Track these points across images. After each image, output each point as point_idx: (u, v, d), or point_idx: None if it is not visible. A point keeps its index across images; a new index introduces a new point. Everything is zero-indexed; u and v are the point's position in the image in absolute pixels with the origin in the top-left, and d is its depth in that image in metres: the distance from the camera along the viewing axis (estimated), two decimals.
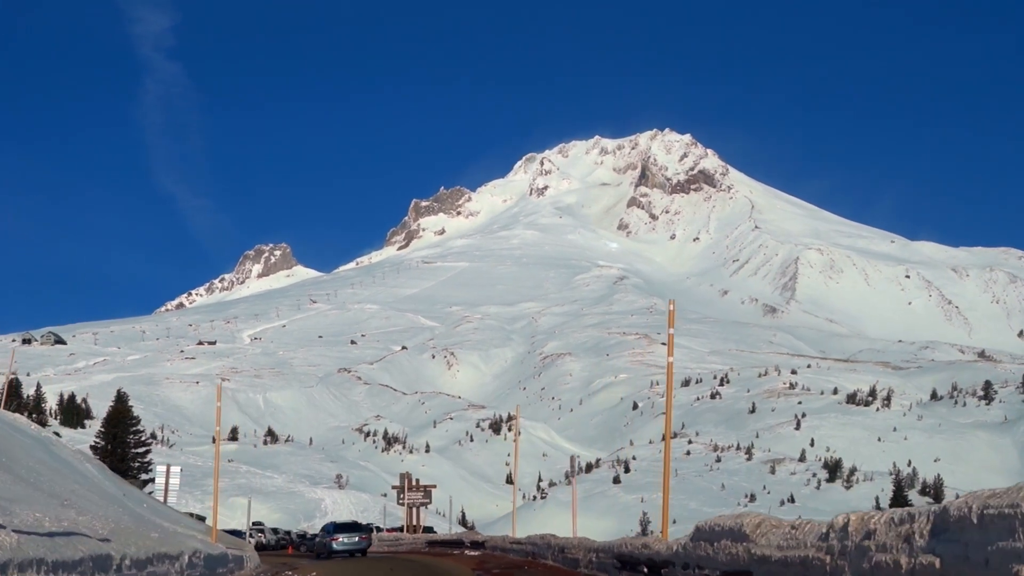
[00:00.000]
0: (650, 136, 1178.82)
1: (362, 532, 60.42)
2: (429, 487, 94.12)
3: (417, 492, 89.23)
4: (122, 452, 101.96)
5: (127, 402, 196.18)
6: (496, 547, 49.85)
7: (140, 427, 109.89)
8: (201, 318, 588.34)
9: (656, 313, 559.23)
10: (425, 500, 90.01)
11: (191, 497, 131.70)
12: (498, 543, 50.29)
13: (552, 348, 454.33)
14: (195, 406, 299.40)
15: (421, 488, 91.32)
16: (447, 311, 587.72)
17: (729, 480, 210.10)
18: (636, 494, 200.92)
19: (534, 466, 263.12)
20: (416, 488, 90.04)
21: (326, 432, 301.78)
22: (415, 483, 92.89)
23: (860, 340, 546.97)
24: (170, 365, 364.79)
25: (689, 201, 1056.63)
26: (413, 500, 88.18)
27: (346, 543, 57.56)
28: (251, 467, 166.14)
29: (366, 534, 61.21)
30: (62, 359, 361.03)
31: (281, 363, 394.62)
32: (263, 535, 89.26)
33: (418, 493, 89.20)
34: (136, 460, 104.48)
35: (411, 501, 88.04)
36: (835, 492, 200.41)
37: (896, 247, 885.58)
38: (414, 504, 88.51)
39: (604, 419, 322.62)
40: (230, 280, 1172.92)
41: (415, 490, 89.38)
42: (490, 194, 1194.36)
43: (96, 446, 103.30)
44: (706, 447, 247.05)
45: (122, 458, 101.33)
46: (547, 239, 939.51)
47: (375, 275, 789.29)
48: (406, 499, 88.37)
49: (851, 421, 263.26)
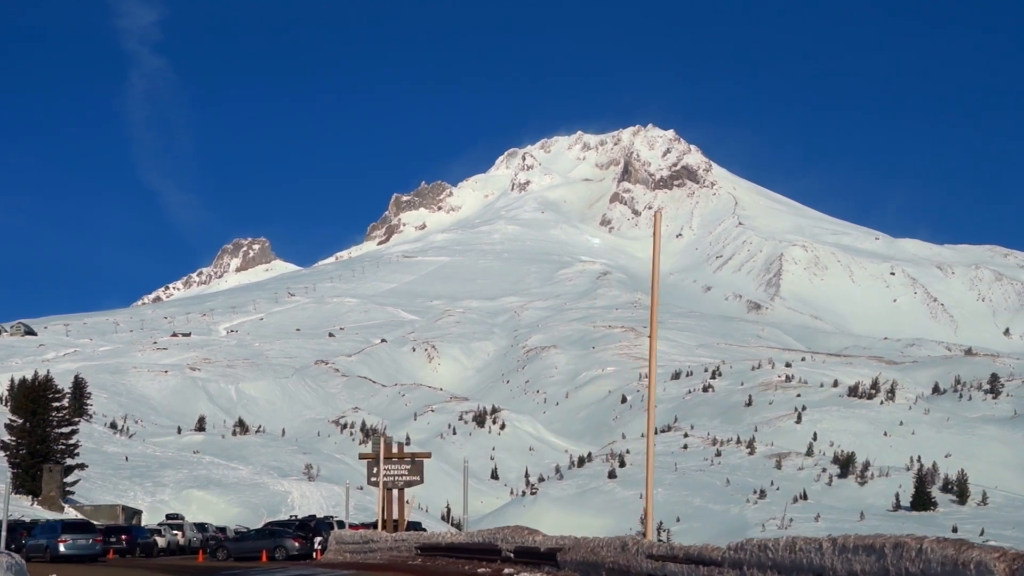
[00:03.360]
0: (633, 132, 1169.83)
1: (94, 534, 53.33)
2: (420, 456, 57.05)
3: (400, 464, 54.60)
4: (42, 433, 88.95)
5: (85, 388, 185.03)
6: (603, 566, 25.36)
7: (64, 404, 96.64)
8: (177, 311, 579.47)
9: (641, 308, 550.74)
10: (414, 478, 54.44)
11: (140, 489, 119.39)
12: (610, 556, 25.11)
13: (536, 341, 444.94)
14: (162, 396, 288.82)
15: (407, 458, 56.09)
16: (428, 305, 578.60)
17: (733, 475, 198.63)
18: (634, 490, 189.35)
19: (521, 460, 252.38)
20: (399, 457, 55.80)
21: (301, 424, 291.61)
22: (398, 449, 59.11)
23: (845, 337, 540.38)
24: (141, 356, 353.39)
25: (672, 197, 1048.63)
26: (394, 477, 53.94)
27: (74, 547, 50.33)
28: (216, 458, 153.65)
29: (99, 536, 53.85)
30: (31, 350, 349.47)
31: (256, 354, 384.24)
32: (180, 533, 74.65)
33: (402, 466, 54.41)
34: (59, 442, 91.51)
35: (391, 478, 53.72)
36: (849, 488, 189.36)
37: (881, 244, 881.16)
38: (395, 484, 54.31)
39: (592, 412, 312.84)
40: (208, 274, 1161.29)
41: (397, 461, 54.92)
42: (471, 189, 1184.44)
43: (12, 424, 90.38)
44: (704, 440, 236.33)
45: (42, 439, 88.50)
46: (529, 234, 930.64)
47: (355, 269, 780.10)
48: (381, 475, 53.06)
49: (854, 414, 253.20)
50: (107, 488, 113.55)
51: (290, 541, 61.31)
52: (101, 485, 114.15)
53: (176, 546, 72.64)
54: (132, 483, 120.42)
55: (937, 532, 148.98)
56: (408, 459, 55.66)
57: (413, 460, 55.51)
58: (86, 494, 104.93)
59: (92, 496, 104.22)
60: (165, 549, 70.39)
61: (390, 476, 53.69)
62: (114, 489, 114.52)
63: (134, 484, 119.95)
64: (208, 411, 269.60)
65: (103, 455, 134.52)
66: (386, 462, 53.46)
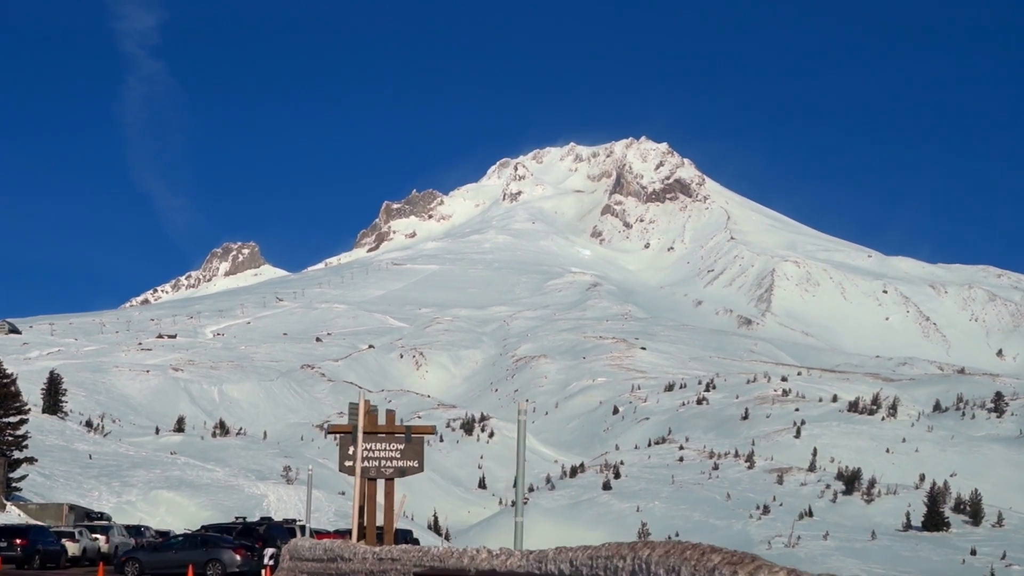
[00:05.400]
0: (626, 144, 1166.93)
1: None
2: (419, 431, 33.85)
3: (390, 443, 32.62)
4: None
5: (60, 385, 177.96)
6: None
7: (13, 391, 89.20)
8: (164, 313, 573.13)
9: (632, 319, 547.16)
10: (409, 463, 32.66)
11: (107, 489, 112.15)
12: None
13: (525, 351, 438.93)
14: (142, 396, 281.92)
15: (399, 433, 33.37)
16: (416, 313, 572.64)
17: (733, 489, 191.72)
18: (630, 502, 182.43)
19: (509, 470, 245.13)
20: (388, 432, 33.24)
21: (284, 428, 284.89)
22: (387, 420, 34.17)
23: (837, 354, 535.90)
24: (124, 356, 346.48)
25: (664, 210, 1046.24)
26: (380, 460, 32.31)
27: None
28: (192, 459, 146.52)
29: None
30: (14, 348, 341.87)
31: (241, 357, 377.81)
32: (104, 538, 61.94)
33: (391, 445, 32.53)
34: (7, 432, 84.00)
35: (375, 462, 32.28)
36: (855, 506, 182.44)
37: (873, 262, 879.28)
38: (381, 472, 32.35)
39: (582, 423, 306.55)
40: (197, 277, 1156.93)
41: (385, 437, 32.89)
42: (463, 198, 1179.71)
43: None
44: (700, 453, 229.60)
45: None
46: (519, 244, 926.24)
47: (344, 275, 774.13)
48: (359, 457, 31.67)
49: (855, 430, 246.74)
50: (70, 487, 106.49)
51: (229, 553, 47.62)
52: (64, 484, 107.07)
53: (96, 553, 59.68)
54: (99, 482, 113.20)
55: (955, 554, 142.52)
56: (401, 435, 33.01)
57: (409, 436, 32.97)
58: (45, 492, 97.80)
59: (52, 495, 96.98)
60: (79, 557, 57.87)
61: (374, 459, 31.99)
62: (78, 488, 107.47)
63: (100, 483, 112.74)
64: (189, 412, 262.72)
65: (72, 453, 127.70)
66: (368, 438, 32.02)
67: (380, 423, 33.96)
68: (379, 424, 33.79)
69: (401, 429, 33.72)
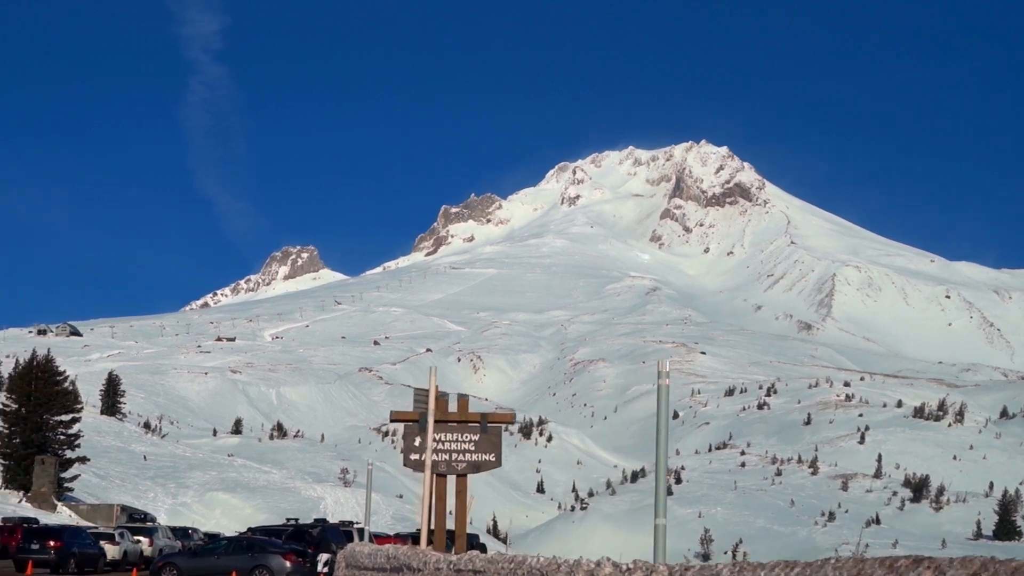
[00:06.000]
0: (685, 148, 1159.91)
1: None
2: (496, 419, 27.21)
3: (462, 432, 26.18)
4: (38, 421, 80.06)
5: (119, 386, 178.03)
6: None
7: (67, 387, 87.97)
8: (223, 316, 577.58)
9: (691, 324, 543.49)
10: (486, 456, 25.99)
11: (162, 490, 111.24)
12: None
13: (584, 355, 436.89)
14: (200, 398, 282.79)
15: (474, 421, 26.59)
16: (474, 317, 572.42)
17: (796, 496, 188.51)
18: (692, 508, 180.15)
19: (568, 474, 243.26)
20: (461, 421, 26.60)
21: (342, 431, 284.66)
22: (459, 406, 27.06)
23: (899, 360, 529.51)
24: (183, 358, 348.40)
25: (724, 214, 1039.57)
26: (451, 453, 25.83)
27: None
28: (249, 461, 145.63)
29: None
30: (76, 350, 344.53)
31: (299, 360, 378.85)
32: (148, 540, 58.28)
33: (465, 435, 26.06)
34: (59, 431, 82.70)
35: (445, 455, 25.75)
36: (923, 513, 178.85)
37: (936, 267, 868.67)
38: (453, 467, 25.88)
39: (641, 427, 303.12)
40: (256, 281, 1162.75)
41: (457, 426, 26.33)
42: (521, 202, 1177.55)
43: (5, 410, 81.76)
44: (762, 459, 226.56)
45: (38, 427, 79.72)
46: (578, 248, 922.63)
47: (402, 279, 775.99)
48: (429, 448, 24.91)
49: (921, 436, 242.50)
50: (125, 488, 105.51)
51: (278, 559, 42.76)
52: (119, 485, 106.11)
53: (137, 557, 55.56)
54: (154, 484, 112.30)
55: None
56: (475, 424, 26.62)
57: (485, 426, 26.49)
58: (100, 493, 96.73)
59: (106, 496, 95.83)
60: (119, 561, 53.57)
61: (444, 452, 25.99)
62: (133, 489, 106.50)
63: (156, 485, 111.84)
64: (247, 414, 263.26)
65: (129, 454, 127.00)
66: (437, 428, 25.81)
67: (451, 410, 27.22)
68: (450, 411, 27.12)
69: (476, 417, 27.02)
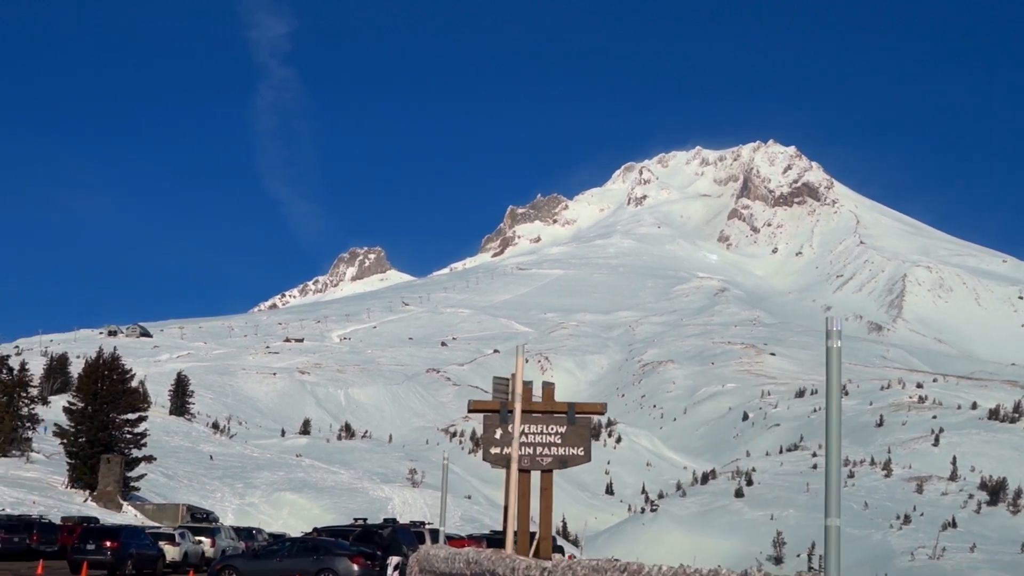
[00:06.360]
0: (753, 148, 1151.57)
1: None
2: (585, 409, 24.26)
3: (548, 423, 23.34)
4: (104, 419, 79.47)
5: (187, 387, 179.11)
6: None
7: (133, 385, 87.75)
8: (291, 317, 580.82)
9: (760, 325, 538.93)
10: (573, 450, 23.31)
11: (229, 490, 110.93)
12: None
13: (652, 356, 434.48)
14: (269, 398, 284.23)
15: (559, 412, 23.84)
16: (541, 317, 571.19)
17: (870, 498, 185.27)
18: (764, 510, 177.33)
19: (637, 476, 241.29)
20: (546, 412, 23.74)
21: (409, 431, 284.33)
22: (544, 396, 24.25)
23: (971, 361, 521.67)
24: (252, 359, 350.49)
25: (792, 214, 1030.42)
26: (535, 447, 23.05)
27: None
28: (317, 462, 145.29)
29: None
30: (146, 351, 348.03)
31: (368, 361, 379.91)
32: (210, 541, 56.31)
33: (550, 427, 23.29)
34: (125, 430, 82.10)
35: (530, 448, 22.92)
36: (1000, 517, 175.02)
37: (1008, 267, 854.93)
38: (538, 462, 23.12)
39: (711, 429, 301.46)
40: (324, 282, 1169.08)
41: (542, 416, 23.53)
42: (587, 202, 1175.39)
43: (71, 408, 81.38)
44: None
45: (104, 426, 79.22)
46: (645, 249, 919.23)
47: (469, 280, 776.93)
48: (516, 440, 22.06)
49: (996, 439, 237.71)
50: (192, 488, 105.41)
51: (344, 562, 39.92)
52: (187, 484, 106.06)
53: (199, 558, 53.78)
54: (222, 483, 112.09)
55: None
56: (562, 414, 23.85)
57: (573, 417, 23.73)
58: (168, 493, 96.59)
59: (174, 495, 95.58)
60: (179, 563, 51.64)
61: (528, 445, 23.12)
62: (201, 489, 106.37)
63: (223, 485, 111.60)
64: (315, 415, 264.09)
65: (197, 454, 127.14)
66: (522, 418, 22.73)
67: (535, 399, 24.09)
68: (533, 401, 23.95)
69: (563, 407, 24.02)
